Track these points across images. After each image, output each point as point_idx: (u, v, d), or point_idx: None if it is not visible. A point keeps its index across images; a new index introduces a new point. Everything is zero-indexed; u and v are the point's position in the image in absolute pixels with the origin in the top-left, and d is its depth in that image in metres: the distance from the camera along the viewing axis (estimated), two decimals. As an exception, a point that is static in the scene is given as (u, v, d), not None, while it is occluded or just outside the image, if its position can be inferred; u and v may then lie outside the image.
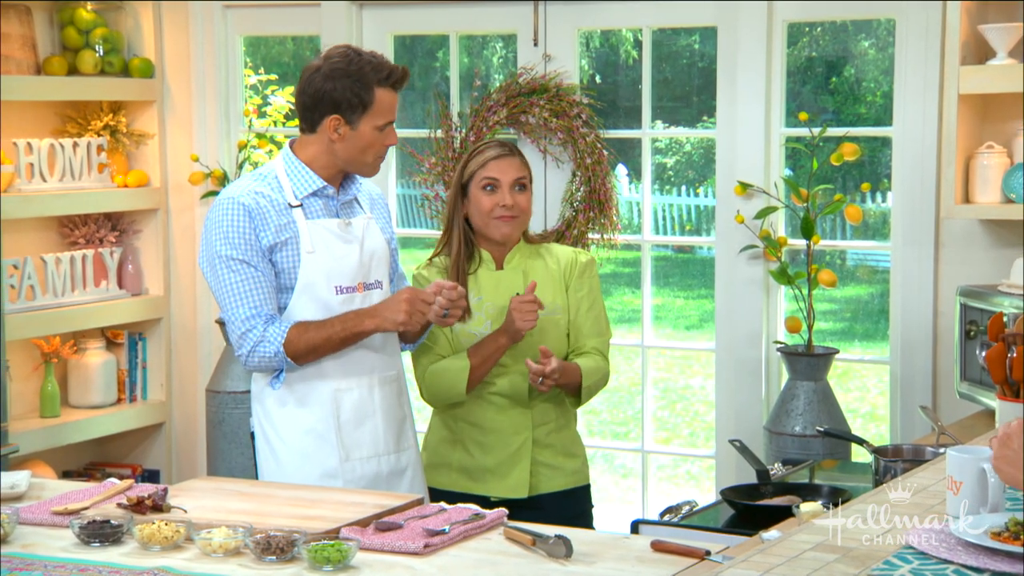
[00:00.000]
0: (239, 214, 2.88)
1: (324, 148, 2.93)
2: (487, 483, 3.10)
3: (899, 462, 2.90)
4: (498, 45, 6.88)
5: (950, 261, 4.00)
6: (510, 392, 3.10)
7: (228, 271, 2.88)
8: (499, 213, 3.07)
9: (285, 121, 4.86)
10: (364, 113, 2.88)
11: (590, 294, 3.16)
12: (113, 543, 2.40)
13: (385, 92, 2.90)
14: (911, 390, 4.07)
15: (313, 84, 2.89)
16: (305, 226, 2.91)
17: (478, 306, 3.10)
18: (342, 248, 2.95)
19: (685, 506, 2.79)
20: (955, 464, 2.09)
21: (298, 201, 2.93)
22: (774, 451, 3.92)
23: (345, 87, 2.86)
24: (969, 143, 3.81)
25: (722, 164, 4.29)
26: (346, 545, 2.28)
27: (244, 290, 2.88)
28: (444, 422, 3.18)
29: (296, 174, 2.95)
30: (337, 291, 2.93)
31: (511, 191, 3.07)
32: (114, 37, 4.81)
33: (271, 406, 2.97)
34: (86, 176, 4.69)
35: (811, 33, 6.68)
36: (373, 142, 2.92)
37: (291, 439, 2.95)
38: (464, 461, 3.13)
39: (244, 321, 2.87)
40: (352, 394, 2.96)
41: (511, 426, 3.11)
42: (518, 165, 3.10)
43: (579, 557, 2.31)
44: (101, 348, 4.82)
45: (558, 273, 3.14)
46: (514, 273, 3.12)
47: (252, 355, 2.88)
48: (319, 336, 2.88)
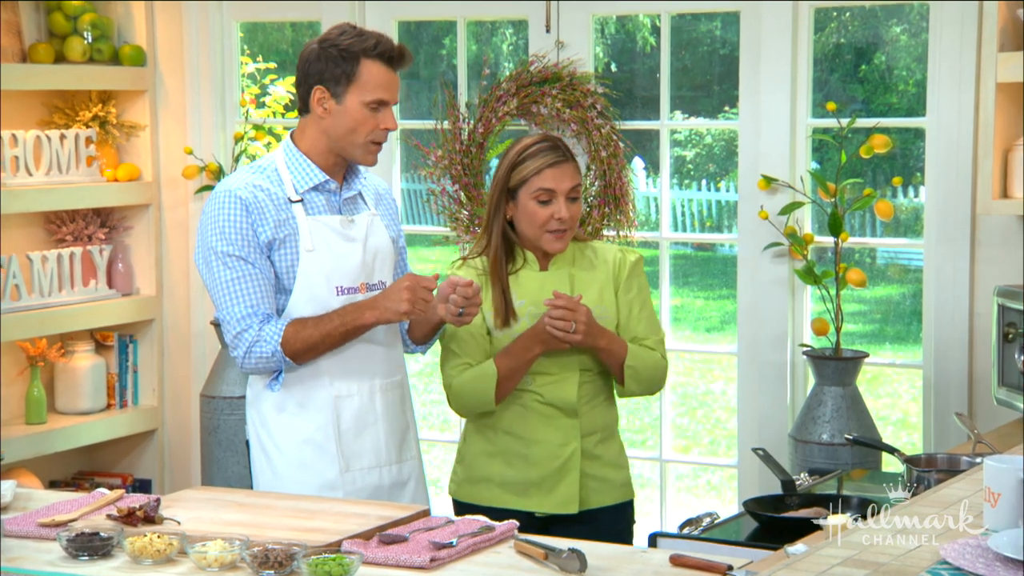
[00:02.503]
0: (236, 208, 2.88)
1: (318, 129, 2.93)
2: (532, 498, 3.03)
3: (933, 472, 2.90)
4: (508, 31, 6.87)
5: (987, 259, 3.99)
6: (557, 401, 3.04)
7: (224, 268, 2.88)
8: (554, 227, 3.00)
9: (284, 112, 4.86)
10: (348, 84, 2.88)
11: (640, 294, 3.11)
12: (102, 557, 2.41)
13: (373, 64, 2.90)
14: (945, 396, 4.06)
15: (306, 61, 2.93)
16: (305, 223, 2.91)
17: (521, 310, 3.03)
18: (344, 246, 2.94)
19: (706, 518, 2.79)
20: (992, 475, 2.09)
21: (298, 196, 2.93)
22: (800, 460, 3.91)
23: (329, 57, 2.89)
24: (1007, 134, 3.80)
25: (745, 157, 4.29)
26: (348, 559, 2.28)
27: (240, 288, 2.88)
28: (482, 433, 3.10)
29: (297, 167, 2.95)
30: (338, 292, 2.93)
31: (566, 202, 3.01)
32: (103, 23, 4.82)
33: (267, 413, 2.97)
34: (74, 170, 4.70)
35: (839, 18, 6.67)
36: (362, 120, 2.90)
37: (288, 448, 2.95)
38: (506, 475, 3.06)
39: (239, 320, 2.87)
40: (352, 401, 2.96)
41: (558, 437, 3.03)
42: (572, 172, 3.03)
43: (594, 572, 2.30)
44: (90, 351, 4.83)
45: (606, 275, 3.09)
46: (559, 274, 3.06)
47: (248, 356, 2.88)
48: (317, 332, 2.88)
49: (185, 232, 4.92)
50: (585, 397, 3.06)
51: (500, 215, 3.05)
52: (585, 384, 3.07)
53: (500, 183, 3.04)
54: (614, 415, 3.16)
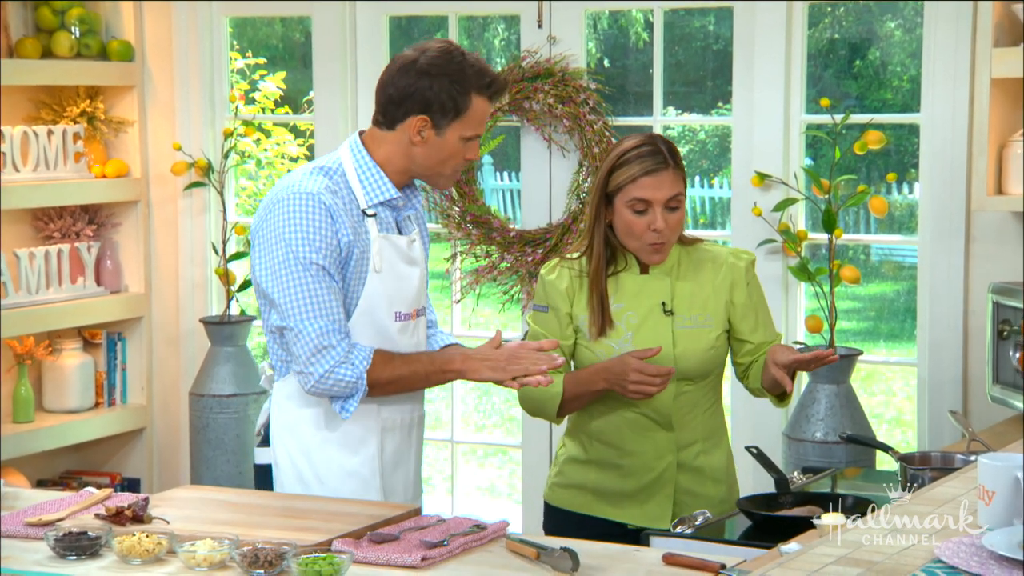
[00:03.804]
0: (322, 213, 2.68)
1: (402, 150, 2.76)
2: (626, 509, 2.96)
3: (927, 470, 2.90)
4: (500, 27, 6.87)
5: (982, 256, 4.00)
6: (651, 412, 2.94)
7: (307, 275, 2.67)
8: (651, 239, 2.87)
9: (274, 108, 4.86)
10: (455, 119, 2.72)
11: (759, 299, 3.01)
12: (91, 556, 2.40)
13: (482, 101, 2.74)
14: (940, 394, 4.06)
15: (406, 77, 2.72)
16: (376, 240, 2.76)
17: (618, 315, 2.92)
18: (406, 269, 2.82)
19: (699, 516, 2.79)
20: (987, 473, 2.09)
21: (372, 210, 2.77)
22: (793, 458, 3.92)
23: (442, 87, 2.70)
24: (1002, 130, 3.80)
25: (738, 153, 4.29)
26: (339, 558, 2.28)
27: (324, 300, 2.69)
28: (576, 439, 3.02)
29: (369, 177, 2.77)
30: (396, 317, 2.80)
31: (664, 212, 2.87)
32: (91, 18, 4.81)
33: (310, 440, 2.80)
34: (61, 166, 4.69)
35: (833, 14, 6.67)
36: (455, 153, 2.76)
37: (331, 481, 2.80)
38: (600, 483, 2.97)
39: (322, 335, 2.68)
40: (396, 434, 2.86)
41: (653, 450, 2.95)
42: (672, 179, 2.88)
43: (586, 571, 2.31)
44: (78, 349, 4.82)
45: (713, 283, 2.97)
46: (660, 280, 2.94)
47: (329, 376, 2.69)
48: (407, 369, 2.74)
49: (174, 229, 4.92)
50: (684, 408, 2.96)
51: (601, 220, 2.91)
52: (683, 395, 2.96)
53: (598, 186, 2.92)
54: (719, 424, 3.04)
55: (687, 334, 2.94)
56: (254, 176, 4.99)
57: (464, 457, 6.56)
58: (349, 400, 2.74)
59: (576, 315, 2.95)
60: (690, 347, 2.95)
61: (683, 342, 2.94)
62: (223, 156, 4.78)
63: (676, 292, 2.95)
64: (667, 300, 2.94)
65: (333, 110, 4.66)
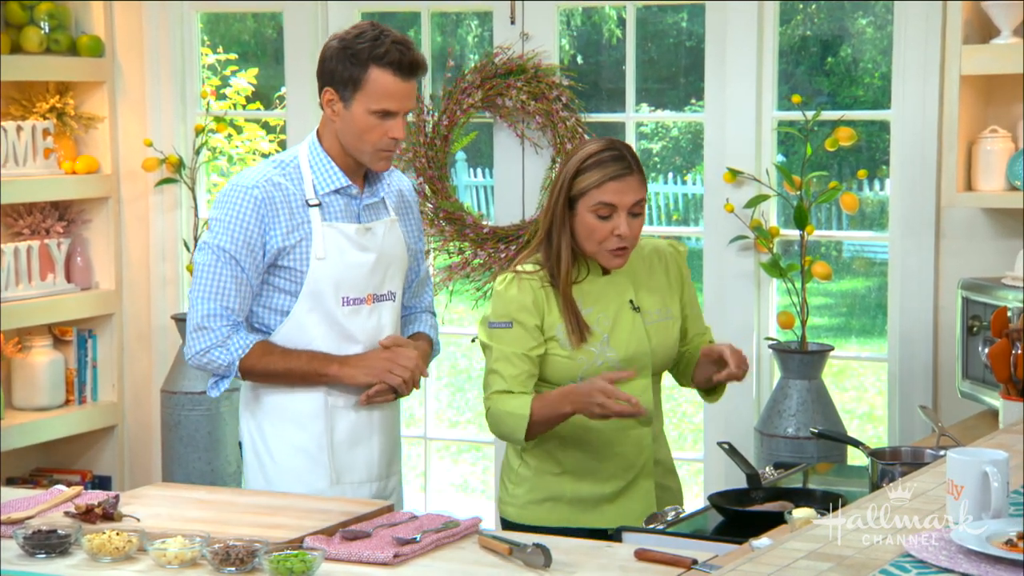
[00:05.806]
0: (247, 206, 2.83)
1: (332, 131, 2.88)
2: (606, 513, 2.92)
3: (897, 465, 2.91)
4: (473, 23, 6.87)
5: (951, 252, 4.02)
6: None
7: (215, 261, 2.84)
8: (613, 245, 2.86)
9: (246, 104, 4.84)
10: (356, 91, 2.81)
11: (692, 289, 3.05)
12: (60, 554, 2.39)
13: (382, 73, 2.79)
14: (910, 389, 4.09)
15: (321, 56, 2.87)
16: (319, 229, 2.86)
17: (589, 318, 2.90)
18: (356, 256, 2.89)
19: (671, 512, 2.80)
20: (956, 467, 2.10)
21: (317, 200, 2.87)
22: (765, 454, 3.93)
23: (340, 59, 2.82)
24: (972, 127, 3.83)
25: (711, 150, 4.30)
26: (310, 555, 2.28)
27: (220, 285, 2.84)
28: (550, 454, 2.94)
29: (320, 167, 2.89)
30: (344, 302, 2.89)
31: (627, 218, 2.86)
32: (61, 13, 4.78)
33: (263, 419, 2.93)
34: (31, 162, 4.66)
35: (805, 11, 6.69)
36: (368, 128, 2.82)
37: (281, 456, 2.92)
38: (578, 491, 2.93)
39: (206, 316, 2.84)
40: (348, 413, 2.92)
41: (633, 446, 2.94)
42: (637, 185, 2.86)
43: (558, 567, 2.31)
44: (48, 346, 4.79)
45: (665, 275, 3.00)
46: (622, 278, 2.95)
47: (203, 355, 2.86)
48: (282, 365, 2.86)
49: (145, 225, 4.89)
50: (656, 402, 2.97)
51: (565, 226, 2.88)
52: (656, 389, 2.98)
53: (559, 188, 2.89)
54: (661, 415, 3.06)
55: (656, 329, 2.97)
56: (226, 172, 4.97)
57: (438, 453, 6.56)
58: (221, 380, 2.90)
59: (551, 325, 2.91)
60: (662, 341, 2.98)
61: (655, 337, 2.97)
62: (194, 152, 4.76)
63: (639, 289, 2.97)
64: (633, 298, 2.95)
65: (304, 106, 4.65)
